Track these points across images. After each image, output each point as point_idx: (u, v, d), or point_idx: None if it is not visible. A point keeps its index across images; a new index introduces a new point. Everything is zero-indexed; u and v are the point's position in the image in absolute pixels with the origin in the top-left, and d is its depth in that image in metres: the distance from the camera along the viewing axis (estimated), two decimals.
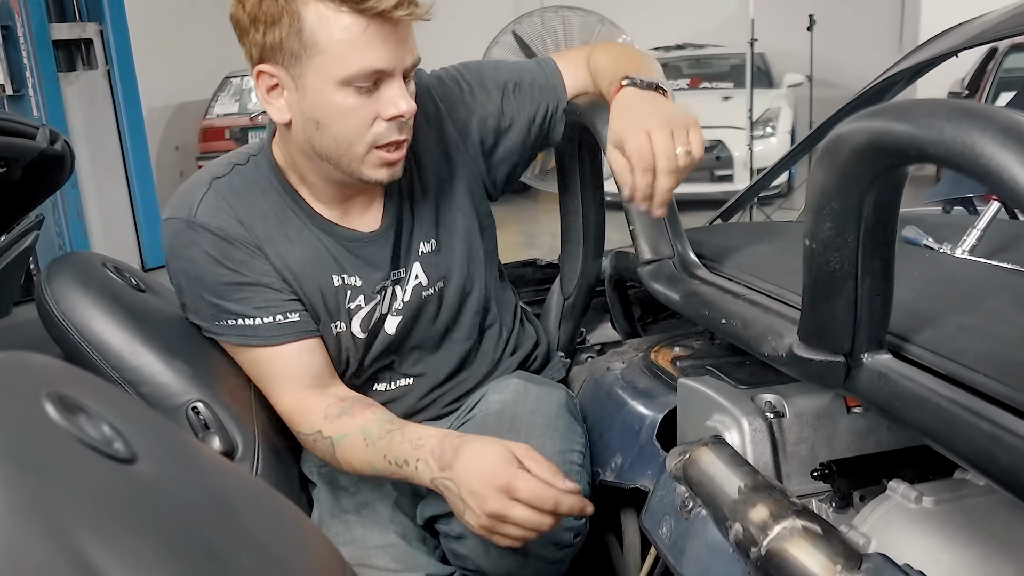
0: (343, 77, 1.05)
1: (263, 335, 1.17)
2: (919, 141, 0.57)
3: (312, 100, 1.08)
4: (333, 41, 1.04)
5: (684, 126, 1.05)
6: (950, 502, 0.87)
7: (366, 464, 1.12)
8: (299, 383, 1.20)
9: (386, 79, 1.08)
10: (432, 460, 1.06)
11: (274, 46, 1.06)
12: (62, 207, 3.03)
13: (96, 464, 0.49)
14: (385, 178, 1.15)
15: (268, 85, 1.11)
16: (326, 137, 1.10)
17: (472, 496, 1.01)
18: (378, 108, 1.09)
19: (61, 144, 1.39)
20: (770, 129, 7.84)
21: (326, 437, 1.15)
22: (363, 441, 1.12)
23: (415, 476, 1.07)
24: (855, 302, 0.77)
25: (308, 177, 1.20)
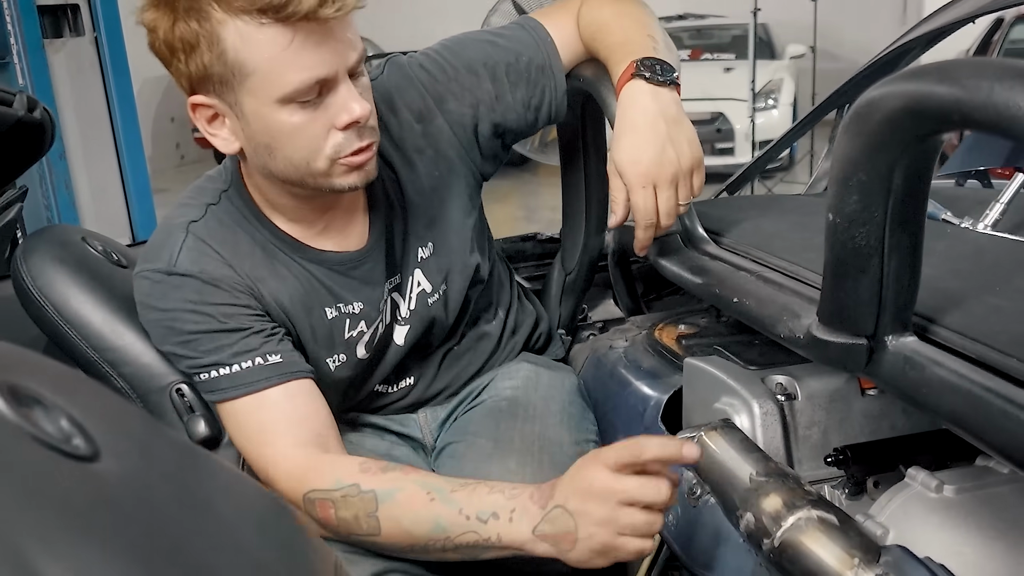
0: (282, 95, 0.95)
1: (243, 381, 1.05)
2: (964, 105, 0.52)
3: (256, 125, 0.98)
4: (262, 59, 0.93)
5: (691, 168, 1.05)
6: (972, 491, 0.83)
7: (427, 524, 0.95)
8: (294, 434, 1.05)
9: (332, 86, 0.97)
10: (532, 503, 0.92)
11: (200, 75, 0.96)
12: (50, 178, 2.97)
13: (51, 464, 0.44)
14: (359, 182, 1.04)
15: (207, 116, 1.01)
16: (280, 160, 1.01)
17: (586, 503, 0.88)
18: (330, 117, 0.98)
19: (40, 112, 1.33)
20: (772, 101, 7.76)
21: (366, 491, 0.97)
22: (427, 495, 0.96)
23: (504, 533, 0.92)
24: (880, 281, 0.72)
25: (278, 201, 1.10)
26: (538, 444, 1.15)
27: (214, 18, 0.92)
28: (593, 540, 0.88)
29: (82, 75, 3.08)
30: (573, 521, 0.89)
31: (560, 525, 0.89)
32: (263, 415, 1.05)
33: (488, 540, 0.93)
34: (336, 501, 0.99)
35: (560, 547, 0.90)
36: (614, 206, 1.07)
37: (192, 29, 0.93)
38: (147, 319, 1.09)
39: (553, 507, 0.90)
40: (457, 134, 1.19)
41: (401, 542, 0.98)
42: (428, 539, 0.96)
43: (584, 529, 0.88)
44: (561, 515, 0.90)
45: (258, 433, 1.05)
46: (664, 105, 1.05)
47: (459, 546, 0.95)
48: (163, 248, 1.08)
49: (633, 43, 1.11)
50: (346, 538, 1.01)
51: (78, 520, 0.42)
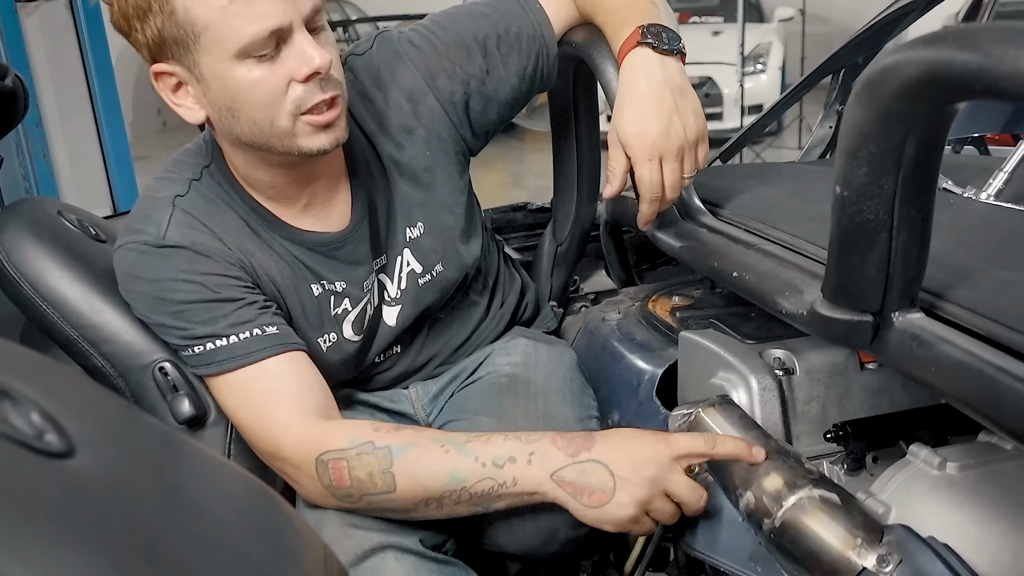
0: (237, 49, 0.92)
1: (241, 352, 1.02)
2: (988, 74, 0.49)
3: (216, 86, 0.96)
4: (212, 13, 0.91)
5: (696, 140, 1.03)
6: (976, 468, 0.82)
7: (442, 475, 0.95)
8: (301, 402, 1.03)
9: (287, 37, 0.94)
10: (555, 449, 0.93)
11: (157, 41, 0.94)
12: (27, 148, 2.90)
13: (21, 462, 0.42)
14: (328, 144, 1.01)
15: (170, 86, 0.99)
16: (244, 122, 0.98)
17: (633, 468, 0.90)
18: (289, 71, 0.95)
19: (12, 79, 1.28)
20: (760, 65, 7.71)
21: (380, 447, 0.97)
22: (441, 447, 0.96)
23: (520, 476, 0.93)
24: (888, 256, 0.70)
25: (254, 175, 1.07)
26: (543, 421, 1.13)
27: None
28: (623, 510, 0.91)
29: (57, 39, 3.00)
30: (613, 482, 0.91)
31: (595, 480, 0.92)
32: (265, 384, 1.03)
33: (503, 485, 0.94)
34: (351, 459, 0.97)
35: (580, 499, 0.92)
36: (611, 176, 1.04)
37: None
38: (133, 290, 1.06)
39: (590, 460, 0.92)
40: (448, 112, 1.16)
41: (416, 495, 0.97)
42: (443, 490, 0.96)
43: (623, 495, 0.91)
44: (599, 471, 0.92)
45: (261, 403, 1.03)
46: (670, 74, 1.02)
47: (473, 495, 0.95)
48: (149, 221, 1.05)
49: (634, 8, 1.08)
50: (358, 500, 0.99)
51: (50, 522, 0.39)
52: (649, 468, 0.91)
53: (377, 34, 1.18)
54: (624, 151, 1.02)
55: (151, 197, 1.08)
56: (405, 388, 1.27)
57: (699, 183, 1.19)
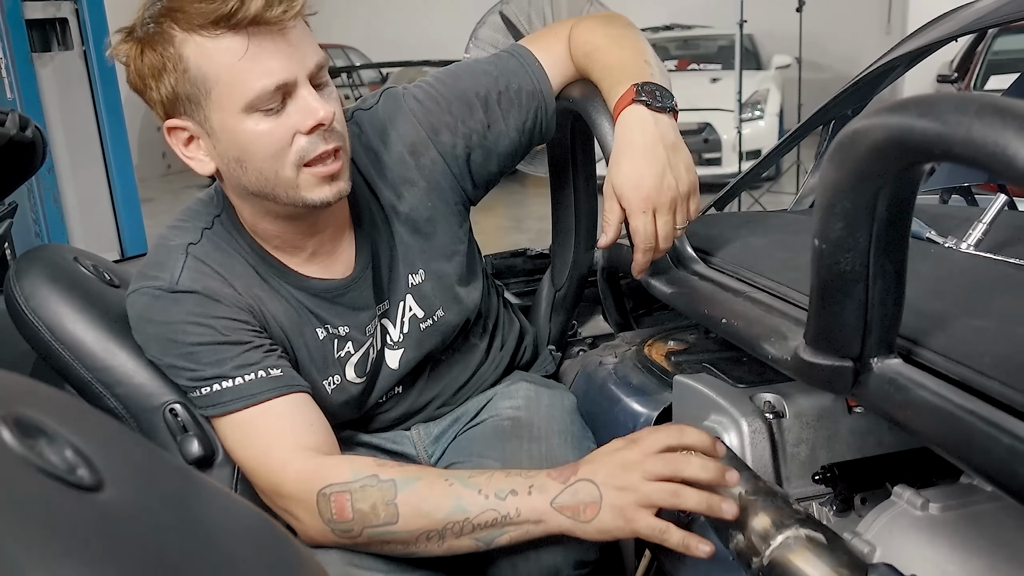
0: (246, 103, 0.98)
1: (246, 393, 1.06)
2: (945, 140, 0.53)
3: (225, 139, 1.01)
4: (222, 69, 0.97)
5: (688, 193, 1.07)
6: (957, 509, 0.85)
7: (446, 506, 0.98)
8: (303, 440, 1.06)
9: (293, 91, 1.00)
10: (550, 480, 0.97)
11: (170, 98, 1.00)
12: (38, 193, 2.96)
13: (56, 494, 0.45)
14: (331, 196, 1.05)
15: (183, 140, 1.05)
16: (252, 173, 1.03)
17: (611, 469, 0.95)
18: (294, 124, 1.00)
19: (32, 131, 1.34)
20: (758, 111, 7.82)
21: (385, 480, 1.00)
22: (445, 481, 0.99)
23: (523, 507, 0.97)
24: (865, 305, 0.74)
25: (261, 225, 1.12)
26: (546, 464, 1.16)
27: (176, 39, 0.97)
28: (615, 512, 0.94)
29: (70, 88, 3.07)
30: (598, 491, 0.95)
31: (583, 495, 0.96)
32: (268, 424, 1.07)
33: (507, 516, 0.97)
34: (354, 492, 1.00)
35: (579, 518, 0.96)
36: (606, 227, 1.09)
37: (158, 54, 0.98)
38: (145, 332, 1.10)
39: (578, 480, 0.96)
40: (450, 164, 1.20)
41: (418, 527, 0.99)
42: (447, 521, 0.98)
43: (609, 499, 0.94)
44: (586, 487, 0.96)
45: (264, 442, 1.06)
46: (664, 131, 1.07)
47: (477, 527, 0.98)
48: (163, 268, 1.10)
49: (630, 67, 1.13)
50: (358, 535, 1.02)
51: (83, 550, 0.42)
52: (626, 468, 0.95)
53: (383, 90, 1.23)
54: (619, 203, 1.07)
55: (165, 245, 1.12)
56: (407, 429, 1.30)
57: (692, 231, 1.23)
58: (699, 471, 0.92)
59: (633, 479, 0.94)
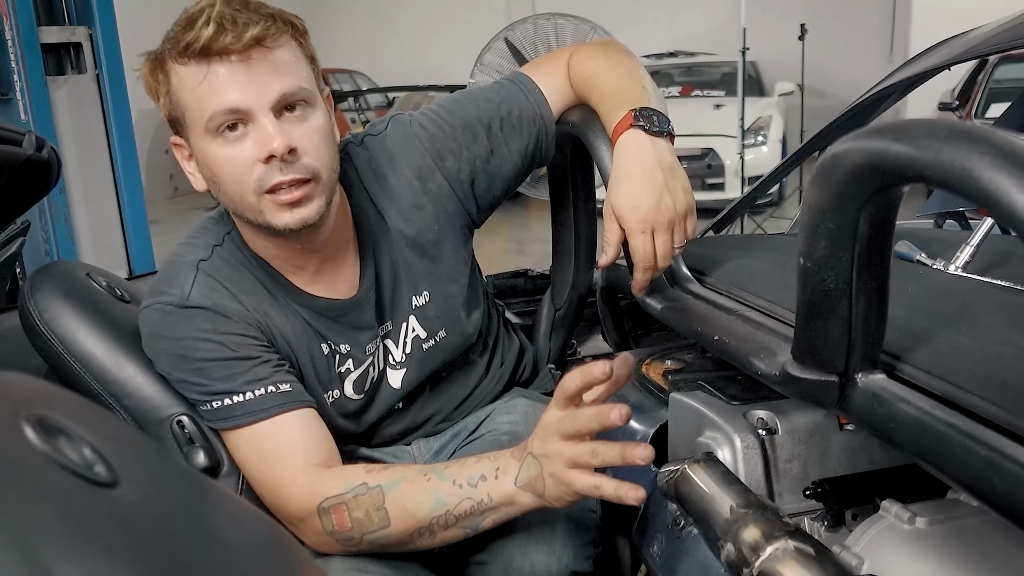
0: (204, 127, 1.04)
1: (256, 408, 1.09)
2: (917, 163, 0.56)
3: (200, 160, 1.08)
4: (189, 93, 1.04)
5: (685, 214, 1.11)
6: (943, 523, 0.86)
7: (427, 501, 1.02)
8: (307, 455, 1.09)
9: (251, 119, 1.03)
10: (512, 459, 1.01)
11: (169, 117, 1.09)
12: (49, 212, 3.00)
13: (75, 488, 0.48)
14: (292, 223, 1.07)
15: (184, 156, 1.12)
16: (224, 193, 1.08)
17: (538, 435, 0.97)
18: (255, 151, 1.04)
19: (47, 151, 1.38)
20: (761, 138, 7.88)
21: (373, 487, 1.03)
22: (424, 476, 1.03)
23: (494, 490, 1.00)
24: (849, 321, 0.76)
25: (257, 243, 1.16)
26: None
27: (166, 65, 1.05)
28: (552, 475, 0.96)
29: (83, 111, 3.13)
30: (538, 463, 0.97)
31: (533, 469, 0.98)
32: (276, 439, 1.09)
33: (482, 503, 1.00)
34: (349, 502, 1.04)
35: (536, 491, 0.98)
36: (606, 247, 1.12)
37: (158, 77, 1.06)
38: (156, 348, 1.13)
39: (526, 455, 0.99)
40: (455, 189, 1.24)
41: (408, 526, 1.03)
42: (431, 517, 1.02)
43: (547, 465, 0.96)
44: (531, 461, 0.98)
45: (272, 457, 1.09)
46: (661, 154, 1.11)
47: (459, 517, 1.02)
48: (173, 284, 1.13)
49: (627, 92, 1.17)
50: (360, 542, 1.05)
51: (101, 540, 0.45)
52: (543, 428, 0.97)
53: (391, 116, 1.27)
54: (619, 224, 1.10)
55: (176, 261, 1.16)
56: (408, 444, 1.33)
57: (688, 253, 1.26)
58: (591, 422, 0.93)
59: (554, 445, 0.96)
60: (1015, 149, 0.51)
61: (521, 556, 1.10)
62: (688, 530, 1.00)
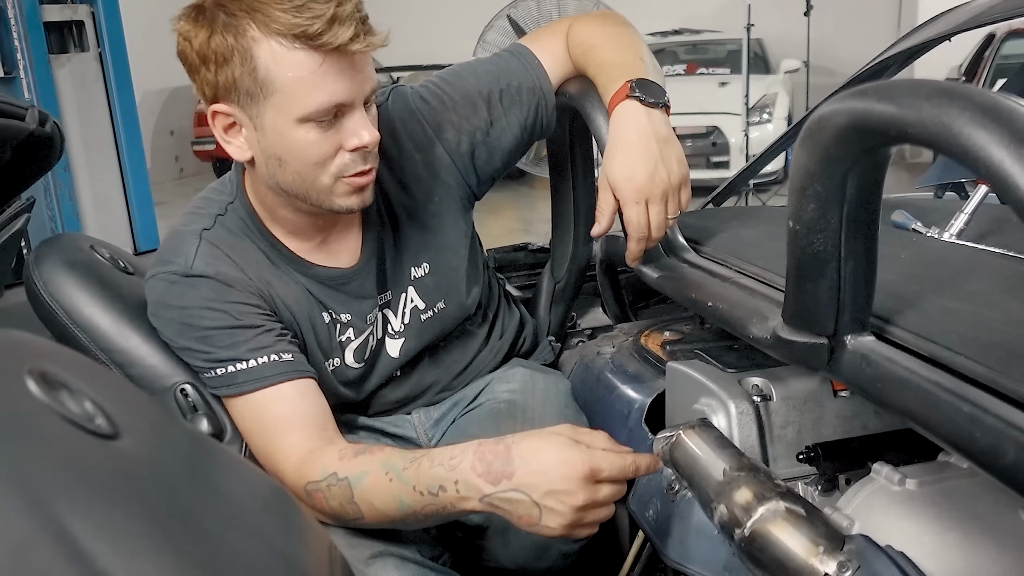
0: (302, 115, 1.02)
1: (258, 376, 1.11)
2: (899, 121, 0.57)
3: (272, 138, 1.05)
4: (289, 79, 1.00)
5: (679, 185, 1.12)
6: (933, 484, 0.88)
7: (393, 502, 1.00)
8: (304, 429, 1.10)
9: (347, 110, 1.05)
10: (475, 477, 0.95)
11: (228, 85, 1.03)
12: (54, 190, 3.02)
13: (77, 439, 0.49)
14: (356, 205, 1.12)
15: (225, 124, 1.08)
16: (289, 173, 1.08)
17: (554, 496, 0.92)
18: (340, 139, 1.06)
19: (51, 126, 1.38)
20: (766, 115, 7.83)
21: (342, 479, 1.03)
22: (386, 476, 1.00)
23: (457, 502, 0.96)
24: (838, 284, 0.77)
25: (279, 213, 1.16)
26: None
27: (250, 35, 1.00)
28: (552, 530, 0.94)
29: (86, 89, 3.14)
30: (538, 510, 0.93)
31: (521, 510, 0.94)
32: (275, 408, 1.11)
33: (446, 508, 0.98)
34: (324, 492, 1.05)
35: (511, 518, 0.95)
36: (600, 216, 1.13)
37: (228, 43, 1.00)
38: (162, 317, 1.15)
39: (511, 489, 0.94)
40: (455, 161, 1.26)
41: (381, 519, 1.03)
42: (401, 515, 1.01)
43: (549, 520, 0.93)
44: (522, 501, 0.94)
45: (272, 426, 1.11)
46: (656, 125, 1.11)
47: (428, 516, 1.00)
48: (178, 253, 1.15)
49: (625, 64, 1.18)
50: (344, 525, 1.07)
51: (102, 486, 0.46)
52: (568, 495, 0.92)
53: (392, 88, 1.28)
54: (613, 194, 1.11)
55: (180, 231, 1.17)
56: (408, 413, 1.35)
57: (686, 223, 1.27)
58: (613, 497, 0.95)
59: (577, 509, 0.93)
60: (994, 105, 0.52)
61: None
62: (683, 494, 1.02)
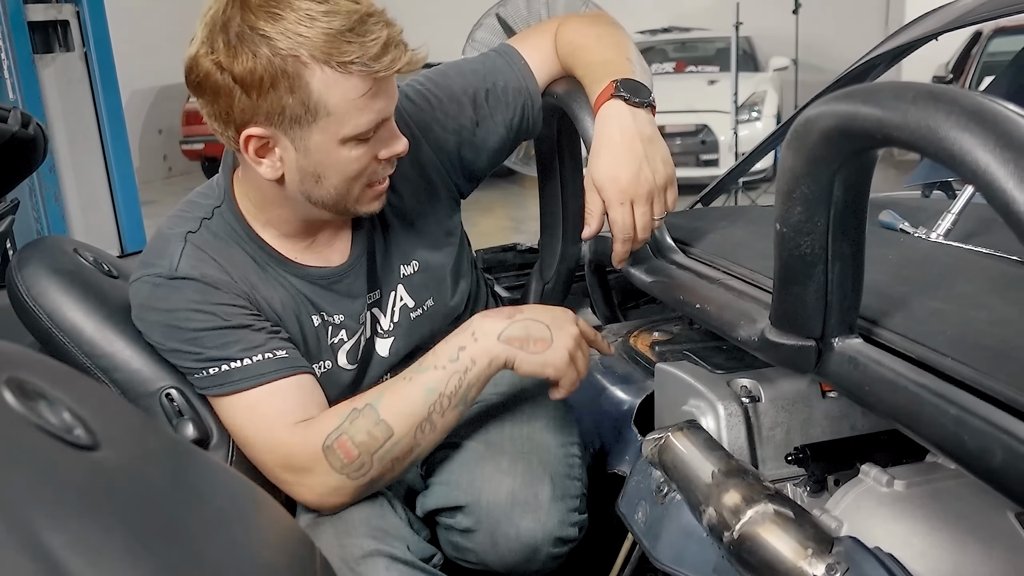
0: (352, 135, 1.04)
1: (253, 373, 1.10)
2: (885, 124, 0.57)
3: (316, 158, 1.06)
4: (341, 102, 1.01)
5: (665, 185, 1.12)
6: (921, 485, 0.88)
7: (419, 396, 1.08)
8: (306, 414, 1.11)
9: (384, 123, 1.08)
10: (488, 321, 1.10)
11: (271, 111, 1.01)
12: (39, 191, 3.00)
13: (55, 451, 0.48)
14: (377, 209, 1.16)
15: (258, 146, 1.05)
16: (326, 188, 1.09)
17: (559, 325, 1.10)
18: (376, 150, 1.08)
19: (34, 127, 1.37)
20: (756, 113, 7.85)
21: (362, 407, 1.08)
22: (404, 379, 1.10)
23: (479, 355, 1.08)
24: (825, 286, 0.77)
25: (274, 215, 1.16)
26: (528, 446, 1.20)
27: (300, 61, 0.99)
28: (560, 352, 1.09)
29: (71, 89, 3.12)
30: (550, 332, 1.10)
31: (536, 331, 1.10)
32: (276, 403, 1.11)
33: (467, 371, 1.08)
34: (347, 430, 1.07)
35: (526, 348, 1.09)
36: (589, 218, 1.13)
37: (275, 69, 0.99)
38: (148, 320, 1.13)
39: (523, 318, 1.10)
40: (441, 160, 1.26)
41: (411, 426, 1.08)
42: (427, 407, 1.08)
43: (559, 340, 1.10)
44: (538, 325, 1.10)
45: (271, 419, 1.10)
46: (641, 125, 1.11)
47: (451, 397, 1.09)
48: (162, 255, 1.13)
49: (611, 64, 1.17)
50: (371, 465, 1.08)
51: (79, 500, 0.46)
52: (568, 323, 1.12)
53: None
54: (599, 195, 1.11)
55: (165, 234, 1.16)
56: None
57: (673, 224, 1.27)
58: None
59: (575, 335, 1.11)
60: (979, 108, 0.51)
61: (507, 522, 1.11)
62: (671, 496, 1.01)
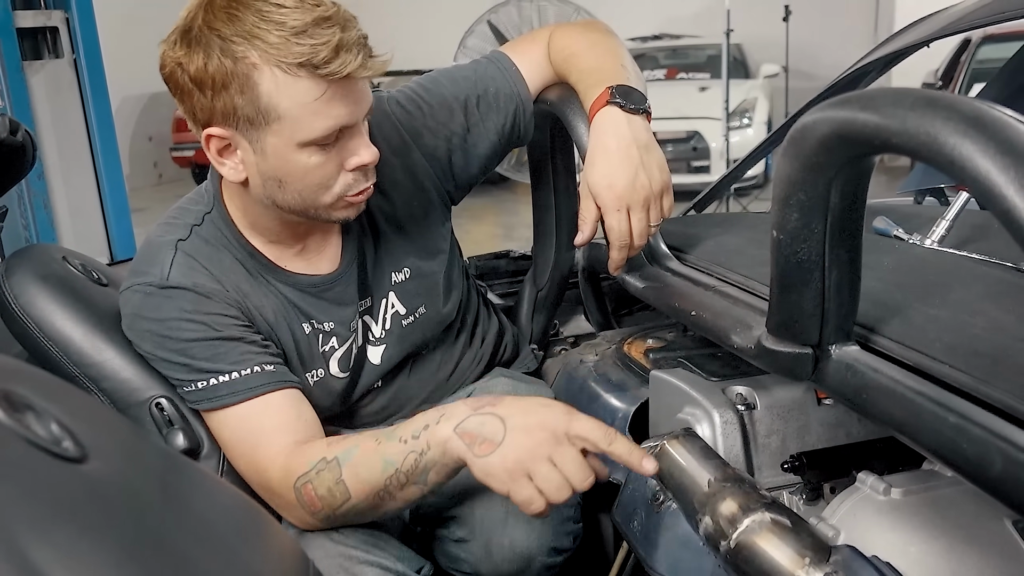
0: (306, 139, 1.02)
1: (241, 388, 1.09)
2: (883, 131, 0.56)
3: (273, 162, 1.04)
4: (292, 106, 0.99)
5: (661, 192, 1.11)
6: (918, 493, 0.87)
7: (378, 465, 1.00)
8: (292, 434, 1.09)
9: (347, 131, 1.05)
10: (464, 406, 0.97)
11: (226, 111, 1.01)
12: (28, 198, 2.97)
13: (43, 463, 0.48)
14: (352, 215, 1.13)
15: (219, 147, 1.06)
16: (290, 193, 1.07)
17: (524, 432, 0.92)
18: (341, 159, 1.06)
19: (22, 134, 1.36)
20: (747, 120, 7.88)
21: (330, 460, 1.03)
22: (374, 440, 1.02)
23: (432, 436, 0.96)
24: (822, 293, 0.77)
25: (261, 221, 1.15)
26: None
27: (249, 62, 0.98)
28: (504, 461, 0.93)
29: (61, 96, 3.09)
30: (503, 434, 0.93)
31: (488, 430, 0.94)
32: (260, 419, 1.09)
33: (422, 452, 0.97)
34: (313, 480, 1.03)
35: (472, 448, 0.95)
36: (583, 225, 1.12)
37: (226, 69, 0.98)
38: (138, 330, 1.12)
39: (490, 413, 0.96)
40: (432, 167, 1.25)
41: (367, 492, 1.01)
42: (385, 481, 1.00)
43: (508, 447, 0.93)
44: (494, 422, 0.95)
45: (256, 437, 1.09)
46: (637, 131, 1.11)
47: (407, 474, 0.99)
48: (153, 264, 1.12)
49: (606, 70, 1.17)
50: (334, 517, 1.04)
51: (67, 513, 0.45)
52: (542, 432, 0.93)
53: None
54: (594, 202, 1.10)
55: (155, 242, 1.15)
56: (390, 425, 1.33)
57: (669, 231, 1.26)
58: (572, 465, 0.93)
59: (541, 451, 0.92)
60: (979, 115, 0.51)
61: (501, 533, 1.10)
62: (667, 505, 1.01)
